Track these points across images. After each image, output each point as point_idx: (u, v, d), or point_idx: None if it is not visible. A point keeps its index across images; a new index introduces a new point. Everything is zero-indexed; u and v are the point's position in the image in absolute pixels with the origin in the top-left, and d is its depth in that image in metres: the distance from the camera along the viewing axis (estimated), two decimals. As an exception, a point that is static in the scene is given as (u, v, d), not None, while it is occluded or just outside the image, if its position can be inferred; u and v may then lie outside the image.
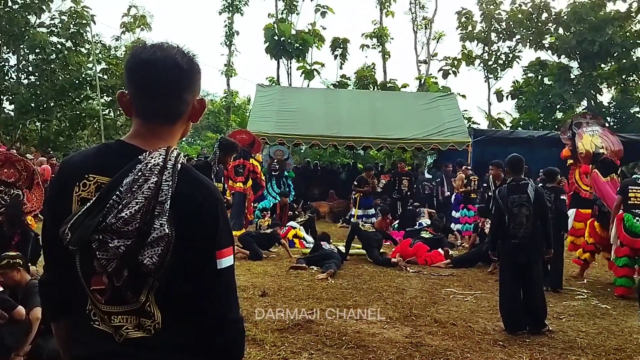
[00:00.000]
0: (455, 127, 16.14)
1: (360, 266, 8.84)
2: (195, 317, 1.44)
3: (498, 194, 5.93)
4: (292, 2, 29.66)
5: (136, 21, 27.77)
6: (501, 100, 28.70)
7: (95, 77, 22.33)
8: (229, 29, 31.32)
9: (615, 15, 24.69)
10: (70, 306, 1.51)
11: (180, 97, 1.48)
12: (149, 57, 1.45)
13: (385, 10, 30.78)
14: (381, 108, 17.33)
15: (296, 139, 15.81)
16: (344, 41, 29.60)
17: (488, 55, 29.18)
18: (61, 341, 1.62)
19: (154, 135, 1.49)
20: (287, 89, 22.35)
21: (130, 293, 1.38)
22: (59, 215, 1.42)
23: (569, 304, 6.87)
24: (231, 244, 1.50)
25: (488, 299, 6.96)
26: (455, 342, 5.20)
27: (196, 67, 1.52)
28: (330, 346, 4.97)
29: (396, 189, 14.53)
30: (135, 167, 1.37)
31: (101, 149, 1.55)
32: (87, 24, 23.24)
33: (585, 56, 24.93)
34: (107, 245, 1.32)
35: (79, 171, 1.46)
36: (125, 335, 1.40)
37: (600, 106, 25.98)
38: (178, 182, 1.39)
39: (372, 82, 28.86)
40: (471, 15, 29.22)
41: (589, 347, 5.19)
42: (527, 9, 27.06)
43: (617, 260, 7.39)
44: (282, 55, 28.95)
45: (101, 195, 1.36)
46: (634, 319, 5.71)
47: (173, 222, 1.35)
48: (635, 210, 7.21)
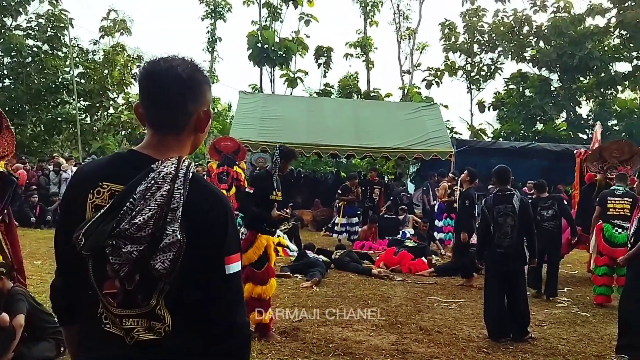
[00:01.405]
0: (438, 137, 16.27)
1: (345, 274, 8.88)
2: (203, 322, 1.49)
3: (484, 204, 6.03)
4: (275, 10, 29.69)
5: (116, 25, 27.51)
6: (483, 111, 29.00)
7: (72, 81, 22.06)
8: (211, 35, 31.27)
9: (594, 30, 25.20)
10: (80, 310, 1.55)
11: (183, 108, 1.52)
12: (152, 68, 1.51)
13: (370, 20, 31.02)
14: (365, 117, 17.41)
15: (279, 146, 15.80)
16: (328, 50, 29.71)
17: (471, 66, 29.52)
18: (71, 345, 1.66)
19: (164, 145, 1.53)
20: (270, 97, 22.33)
21: (141, 297, 1.42)
22: (73, 222, 1.46)
23: (551, 312, 6.99)
24: (239, 249, 1.55)
25: (472, 306, 7.05)
26: (441, 349, 5.27)
27: (200, 78, 1.55)
28: (317, 353, 5.01)
29: (367, 197, 14.50)
30: (148, 175, 1.42)
31: (115, 157, 1.61)
32: (65, 28, 22.94)
33: (565, 69, 25.39)
34: (121, 250, 1.36)
35: (93, 179, 1.51)
36: (136, 338, 1.43)
37: (579, 118, 26.45)
38: (189, 190, 1.44)
39: (356, 91, 28.98)
40: (454, 27, 29.55)
41: (570, 354, 5.31)
42: (509, 22, 27.47)
43: (597, 269, 7.54)
44: (265, 63, 28.88)
45: (115, 202, 1.41)
46: (613, 326, 5.82)
47: (184, 229, 1.40)
48: (614, 220, 7.38)
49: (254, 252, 5.33)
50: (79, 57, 24.96)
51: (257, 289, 5.32)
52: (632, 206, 7.06)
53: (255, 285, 5.33)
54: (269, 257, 5.46)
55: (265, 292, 5.36)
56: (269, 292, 5.41)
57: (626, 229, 6.90)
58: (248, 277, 5.32)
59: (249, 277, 5.32)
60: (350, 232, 12.78)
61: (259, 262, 5.35)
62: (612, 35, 25.57)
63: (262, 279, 5.37)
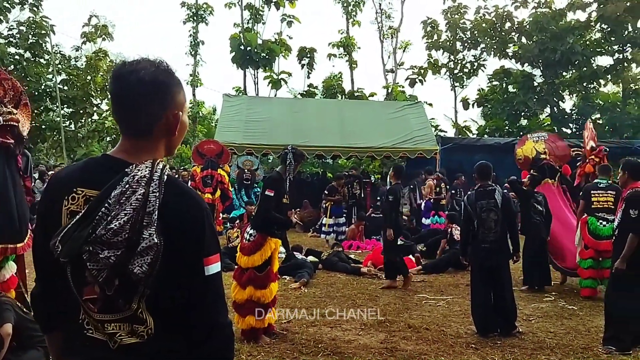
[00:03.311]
0: (423, 135, 16.34)
1: (333, 275, 8.87)
2: (185, 323, 1.49)
3: (467, 200, 6.06)
4: (257, 12, 29.60)
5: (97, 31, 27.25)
6: (467, 108, 29.13)
7: (55, 88, 21.91)
8: (193, 38, 31.10)
9: (576, 25, 25.44)
10: (61, 317, 1.55)
11: (146, 110, 1.51)
12: (118, 73, 1.51)
13: (352, 20, 31.02)
14: (349, 117, 17.44)
15: (264, 148, 15.79)
16: (311, 50, 29.67)
17: (454, 64, 29.65)
18: (54, 352, 1.66)
19: (136, 149, 1.53)
20: (255, 99, 22.28)
21: (122, 301, 1.41)
22: (49, 229, 1.45)
23: (538, 306, 7.03)
24: (218, 250, 1.55)
25: (459, 303, 7.07)
26: (429, 346, 5.29)
27: (165, 81, 1.53)
28: (306, 354, 5.00)
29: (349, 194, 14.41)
30: (122, 179, 1.42)
31: (88, 163, 1.59)
32: (47, 35, 22.77)
33: (548, 64, 25.59)
34: (98, 256, 1.36)
35: (67, 185, 1.50)
36: (119, 342, 1.44)
37: (563, 113, 26.66)
38: (165, 193, 1.43)
39: (340, 91, 28.99)
40: (436, 25, 29.66)
41: (557, 347, 5.34)
42: (490, 19, 27.63)
43: (582, 262, 7.59)
44: (249, 65, 28.78)
45: (90, 208, 1.40)
46: (600, 318, 5.87)
47: (161, 232, 1.39)
48: (598, 213, 7.43)
49: (260, 256, 5.31)
50: (62, 64, 24.76)
51: (257, 292, 5.31)
52: (615, 199, 7.11)
53: (256, 289, 5.31)
54: (272, 261, 5.43)
55: (264, 296, 5.33)
56: (267, 296, 5.37)
57: (610, 222, 6.96)
58: (250, 280, 5.32)
59: (251, 279, 5.32)
60: (337, 232, 12.77)
61: (261, 266, 5.33)
62: (593, 30, 25.81)
63: (263, 282, 5.34)
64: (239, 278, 5.41)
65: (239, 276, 5.43)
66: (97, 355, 1.46)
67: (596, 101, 26.54)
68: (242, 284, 5.35)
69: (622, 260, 5.21)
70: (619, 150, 16.94)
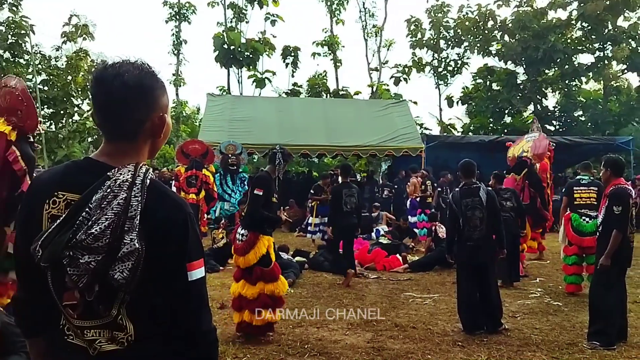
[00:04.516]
0: (408, 133, 16.40)
1: (319, 274, 8.85)
2: (168, 330, 1.46)
3: (452, 198, 6.07)
4: (241, 11, 29.49)
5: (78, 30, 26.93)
6: (452, 106, 29.32)
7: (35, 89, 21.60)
8: (176, 37, 30.94)
9: (557, 23, 25.70)
10: (43, 323, 1.53)
11: (130, 115, 1.48)
12: (100, 76, 1.47)
13: (336, 19, 31.05)
14: (334, 116, 17.43)
15: (249, 148, 15.70)
16: (295, 49, 29.63)
17: (438, 62, 29.82)
18: (35, 357, 1.64)
19: (119, 152, 1.50)
20: (239, 98, 22.19)
21: (102, 307, 1.39)
22: (30, 233, 1.42)
23: (523, 303, 7.07)
24: (202, 256, 1.52)
25: (446, 301, 7.08)
26: (416, 345, 5.28)
27: (149, 84, 1.50)
28: (293, 355, 4.97)
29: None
30: (104, 183, 1.39)
31: (70, 166, 1.56)
32: (26, 34, 22.46)
33: (530, 62, 25.81)
34: (78, 261, 1.33)
35: (48, 189, 1.47)
36: (99, 349, 1.42)
37: (546, 110, 26.91)
38: (147, 197, 1.41)
39: (325, 89, 29.00)
40: (420, 23, 29.80)
41: (543, 343, 5.37)
42: (473, 17, 27.81)
43: (566, 258, 7.65)
44: (233, 64, 28.66)
45: (71, 212, 1.38)
46: (585, 314, 5.91)
47: (143, 237, 1.37)
48: (581, 210, 7.47)
49: (254, 254, 5.34)
50: (42, 64, 24.44)
51: (269, 286, 5.36)
52: (598, 195, 7.17)
53: (267, 283, 5.36)
54: (271, 256, 5.49)
55: (277, 288, 5.41)
56: (281, 288, 5.46)
57: (593, 218, 7.02)
58: (258, 277, 5.35)
59: (260, 276, 5.35)
60: (324, 231, 12.73)
61: (265, 261, 5.38)
62: (574, 28, 26.12)
63: (273, 276, 5.41)
64: (246, 278, 5.43)
65: (240, 276, 5.46)
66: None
67: (578, 98, 26.82)
68: (251, 281, 5.39)
69: (606, 257, 5.24)
70: (601, 147, 17.16)
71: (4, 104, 4.80)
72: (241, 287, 5.43)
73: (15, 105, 4.66)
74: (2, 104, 4.77)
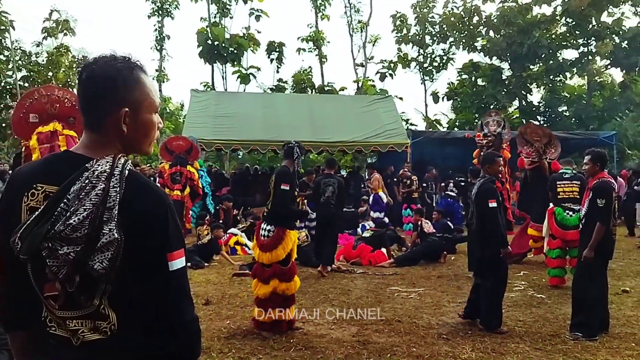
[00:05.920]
0: (393, 129, 16.40)
1: (305, 270, 8.83)
2: (149, 319, 1.46)
3: None
4: (225, 6, 29.32)
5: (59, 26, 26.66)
6: (437, 101, 29.42)
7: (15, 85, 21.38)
8: (159, 33, 30.72)
9: (542, 19, 25.87)
10: (25, 316, 1.53)
11: (97, 107, 1.50)
12: (80, 69, 1.53)
13: (321, 14, 31.02)
14: (320, 111, 17.40)
15: (234, 144, 15.65)
16: (280, 45, 29.56)
17: (423, 57, 29.88)
18: (17, 351, 1.63)
19: (95, 145, 1.52)
20: (223, 94, 22.06)
21: (83, 298, 1.40)
22: (10, 226, 1.42)
23: (508, 295, 7.06)
24: (182, 246, 1.52)
25: (431, 295, 7.12)
26: (401, 338, 5.30)
27: (113, 77, 1.49)
28: (278, 349, 4.96)
29: None
30: (82, 174, 1.40)
31: (49, 159, 1.58)
32: (6, 30, 22.22)
33: (515, 58, 25.98)
34: (57, 252, 1.34)
35: (27, 181, 1.48)
36: (82, 339, 1.43)
37: (530, 105, 27.12)
38: (126, 188, 1.42)
39: (310, 85, 28.96)
40: (406, 19, 29.85)
41: (526, 335, 5.42)
42: (459, 13, 27.93)
43: (550, 252, 7.71)
44: (217, 60, 28.48)
45: (49, 204, 1.38)
46: (568, 306, 5.97)
47: (122, 227, 1.37)
48: (564, 204, 7.55)
49: (282, 249, 5.36)
50: (22, 60, 24.22)
51: (282, 285, 5.37)
52: (581, 189, 7.24)
53: (280, 282, 5.36)
54: (292, 253, 5.49)
55: (289, 289, 5.42)
56: (292, 288, 5.46)
57: (577, 212, 7.08)
58: (275, 274, 5.35)
59: (276, 273, 5.36)
60: (309, 227, 12.72)
61: (285, 259, 5.38)
62: (558, 24, 26.31)
63: (288, 275, 5.41)
64: (260, 274, 5.42)
65: (260, 272, 5.44)
66: (60, 352, 1.45)
67: (562, 94, 27.04)
68: (264, 279, 5.38)
69: (590, 249, 5.29)
70: (585, 142, 17.29)
71: (51, 111, 5.11)
72: (253, 286, 5.47)
73: (69, 113, 5.06)
74: (50, 111, 5.11)
